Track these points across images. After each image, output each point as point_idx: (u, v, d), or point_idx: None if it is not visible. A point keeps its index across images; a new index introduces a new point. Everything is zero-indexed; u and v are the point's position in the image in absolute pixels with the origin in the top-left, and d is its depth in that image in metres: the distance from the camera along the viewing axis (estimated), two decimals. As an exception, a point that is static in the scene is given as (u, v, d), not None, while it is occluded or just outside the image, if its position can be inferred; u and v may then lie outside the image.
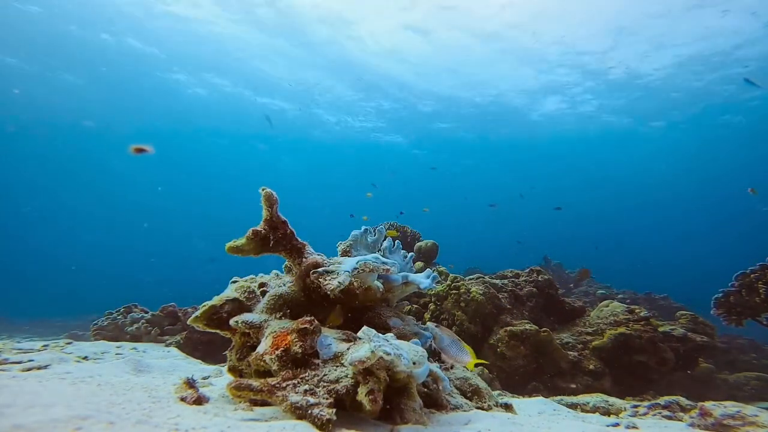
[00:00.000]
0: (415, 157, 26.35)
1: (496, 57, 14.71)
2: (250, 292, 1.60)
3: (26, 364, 1.80)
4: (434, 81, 17.09)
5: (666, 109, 17.67)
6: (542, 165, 28.16)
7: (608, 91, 16.45)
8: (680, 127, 19.51)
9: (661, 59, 14.01)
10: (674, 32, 12.44)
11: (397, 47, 14.66)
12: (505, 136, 21.74)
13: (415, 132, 22.31)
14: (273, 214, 1.51)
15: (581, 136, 20.90)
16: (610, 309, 4.37)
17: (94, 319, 4.64)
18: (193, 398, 1.27)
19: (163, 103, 20.29)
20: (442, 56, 15.13)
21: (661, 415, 2.29)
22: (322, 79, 17.14)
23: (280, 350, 1.23)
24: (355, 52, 15.06)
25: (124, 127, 23.38)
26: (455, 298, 4.38)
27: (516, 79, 16.22)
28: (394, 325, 1.74)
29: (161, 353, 3.17)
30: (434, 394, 1.50)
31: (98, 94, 19.08)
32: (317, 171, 32.67)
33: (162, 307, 4.71)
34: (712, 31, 12.13)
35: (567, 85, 16.25)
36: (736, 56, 13.31)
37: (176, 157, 30.42)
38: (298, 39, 14.34)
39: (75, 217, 42.91)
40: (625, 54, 13.83)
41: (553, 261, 11.35)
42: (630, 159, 25.86)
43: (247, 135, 24.43)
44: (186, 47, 15.11)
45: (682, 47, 13.14)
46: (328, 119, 21.38)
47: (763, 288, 3.81)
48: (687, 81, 15.24)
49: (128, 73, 17.17)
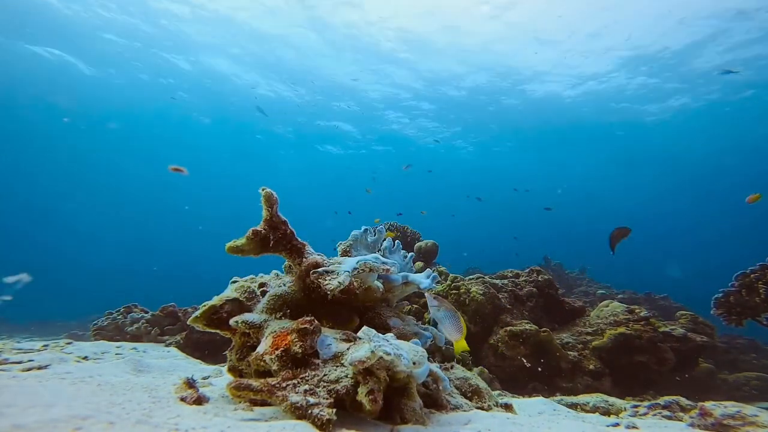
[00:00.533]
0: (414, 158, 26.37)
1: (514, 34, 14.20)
2: (250, 292, 1.60)
3: (26, 364, 1.80)
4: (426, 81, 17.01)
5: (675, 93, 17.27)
6: (541, 165, 28.18)
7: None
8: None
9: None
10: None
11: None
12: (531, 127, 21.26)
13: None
14: (273, 214, 1.51)
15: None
16: (610, 309, 4.37)
17: (94, 319, 4.64)
18: (193, 398, 1.27)
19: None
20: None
21: (661, 415, 2.29)
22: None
23: (280, 350, 1.23)
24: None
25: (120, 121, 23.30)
26: (455, 298, 4.38)
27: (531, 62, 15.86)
28: (394, 325, 1.75)
29: (161, 353, 3.17)
30: (434, 394, 1.50)
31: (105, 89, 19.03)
32: (318, 170, 32.68)
33: (162, 307, 4.71)
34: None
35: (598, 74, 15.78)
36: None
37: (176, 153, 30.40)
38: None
39: (75, 218, 42.92)
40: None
41: (553, 261, 11.37)
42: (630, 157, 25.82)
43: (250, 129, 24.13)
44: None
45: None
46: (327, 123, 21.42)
47: (763, 288, 3.81)
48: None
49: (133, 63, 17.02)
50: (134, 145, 28.44)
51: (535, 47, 14.06)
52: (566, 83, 16.50)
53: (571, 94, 17.32)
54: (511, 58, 15.02)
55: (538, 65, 15.34)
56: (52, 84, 18.33)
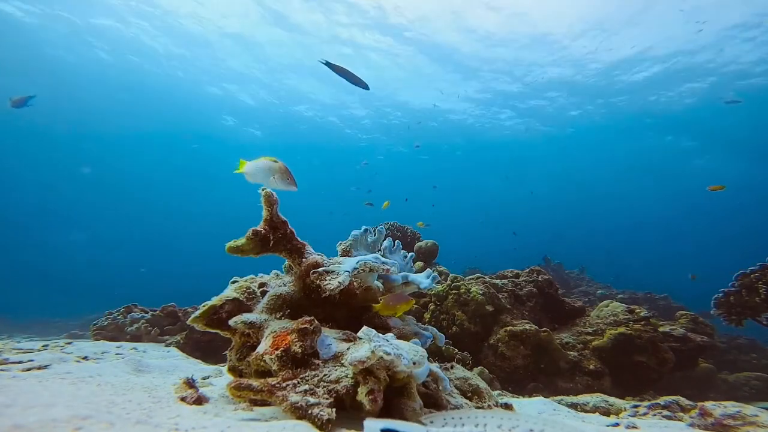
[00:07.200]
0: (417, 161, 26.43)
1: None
2: (250, 292, 1.60)
3: (26, 364, 1.80)
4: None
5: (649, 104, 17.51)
6: (543, 165, 28.17)
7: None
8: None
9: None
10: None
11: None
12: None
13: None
14: (273, 214, 1.51)
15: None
16: (610, 309, 4.37)
17: (94, 319, 4.64)
18: (193, 398, 1.27)
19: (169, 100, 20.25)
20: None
21: (661, 415, 2.28)
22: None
23: (280, 350, 1.23)
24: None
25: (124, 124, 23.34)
26: (455, 298, 4.38)
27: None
28: (394, 325, 1.75)
29: (161, 353, 3.17)
30: (434, 394, 1.49)
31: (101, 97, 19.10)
32: (317, 170, 32.68)
33: (162, 307, 4.72)
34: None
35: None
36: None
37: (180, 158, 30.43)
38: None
39: (75, 217, 42.92)
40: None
41: (553, 261, 11.38)
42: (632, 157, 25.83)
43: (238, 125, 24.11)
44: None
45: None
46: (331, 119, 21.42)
47: (763, 288, 3.82)
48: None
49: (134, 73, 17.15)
50: (143, 147, 28.53)
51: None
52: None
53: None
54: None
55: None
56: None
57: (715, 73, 14.54)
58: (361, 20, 13.35)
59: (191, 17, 13.53)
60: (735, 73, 14.29)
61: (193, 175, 36.06)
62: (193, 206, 43.81)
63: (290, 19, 13.40)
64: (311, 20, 13.40)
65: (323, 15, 13.12)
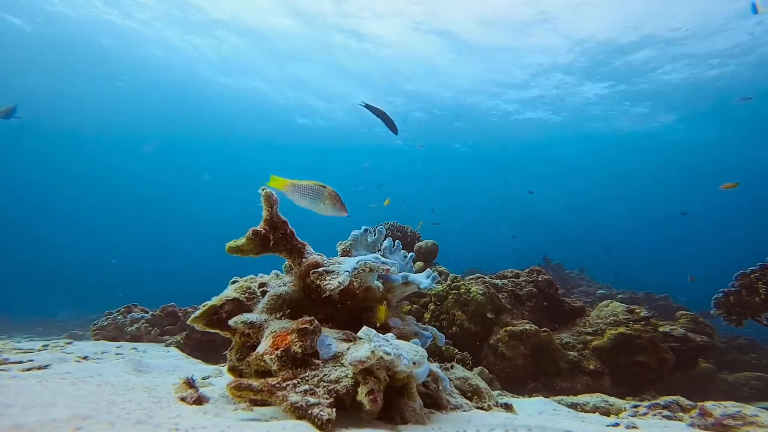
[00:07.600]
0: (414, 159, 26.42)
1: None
2: (250, 292, 1.59)
3: (26, 364, 1.79)
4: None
5: (678, 104, 17.45)
6: (544, 165, 28.18)
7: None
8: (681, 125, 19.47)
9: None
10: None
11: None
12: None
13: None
14: (273, 214, 1.51)
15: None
16: (610, 309, 4.37)
17: (94, 319, 4.64)
18: (193, 398, 1.27)
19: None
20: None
21: (661, 415, 2.28)
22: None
23: (280, 350, 1.23)
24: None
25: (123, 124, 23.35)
26: (455, 298, 4.38)
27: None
28: (394, 325, 1.75)
29: (161, 353, 3.17)
30: (434, 394, 1.49)
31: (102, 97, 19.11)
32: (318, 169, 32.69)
33: (162, 307, 4.71)
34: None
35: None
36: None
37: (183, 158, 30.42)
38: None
39: (75, 217, 42.90)
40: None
41: (553, 261, 11.37)
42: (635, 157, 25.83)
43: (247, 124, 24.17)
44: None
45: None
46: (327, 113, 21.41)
47: (763, 288, 3.82)
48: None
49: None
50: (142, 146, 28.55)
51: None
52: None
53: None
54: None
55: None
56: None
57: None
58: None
59: (192, 6, 13.39)
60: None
61: (193, 175, 36.08)
62: (193, 206, 43.83)
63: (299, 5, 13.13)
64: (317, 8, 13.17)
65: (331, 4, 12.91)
